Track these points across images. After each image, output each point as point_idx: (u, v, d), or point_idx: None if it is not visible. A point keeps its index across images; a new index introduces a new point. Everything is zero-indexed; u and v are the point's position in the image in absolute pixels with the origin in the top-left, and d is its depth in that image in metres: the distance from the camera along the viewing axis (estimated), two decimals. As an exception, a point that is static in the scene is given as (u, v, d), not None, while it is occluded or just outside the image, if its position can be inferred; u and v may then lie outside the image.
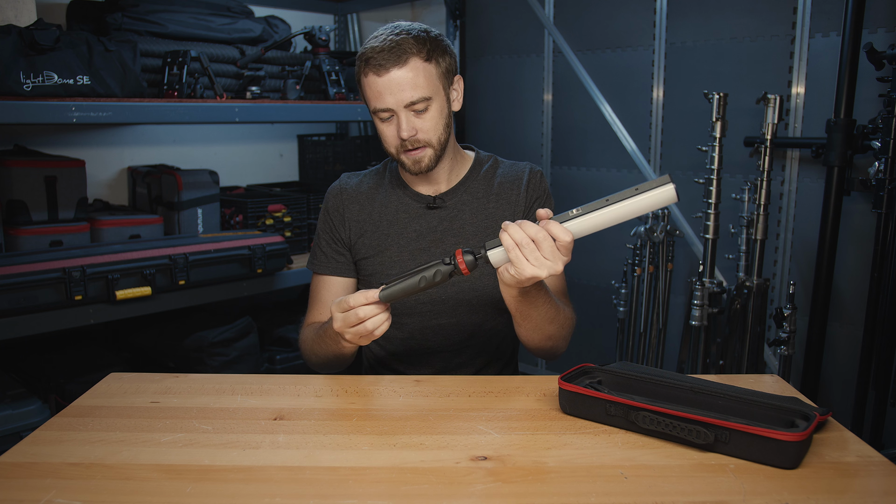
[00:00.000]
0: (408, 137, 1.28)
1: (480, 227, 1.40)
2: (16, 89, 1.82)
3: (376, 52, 1.26)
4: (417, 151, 1.30)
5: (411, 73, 1.25)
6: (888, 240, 2.00)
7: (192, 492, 0.85)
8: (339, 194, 1.44)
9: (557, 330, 1.26)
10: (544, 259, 1.03)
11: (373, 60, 1.26)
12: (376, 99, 1.28)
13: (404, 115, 1.27)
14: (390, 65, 1.25)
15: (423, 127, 1.29)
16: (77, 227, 2.20)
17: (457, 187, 1.41)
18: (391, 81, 1.25)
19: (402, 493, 0.85)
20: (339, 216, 1.43)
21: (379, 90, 1.26)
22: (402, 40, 1.26)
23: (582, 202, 1.10)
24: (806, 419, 0.93)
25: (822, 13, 2.25)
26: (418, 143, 1.29)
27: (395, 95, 1.26)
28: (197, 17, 2.44)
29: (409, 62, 1.25)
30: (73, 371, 2.17)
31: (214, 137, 2.98)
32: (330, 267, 1.43)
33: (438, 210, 1.40)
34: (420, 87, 1.26)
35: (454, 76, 1.35)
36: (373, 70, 1.26)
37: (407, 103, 1.26)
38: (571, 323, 1.33)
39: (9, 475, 0.89)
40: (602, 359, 2.22)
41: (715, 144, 2.15)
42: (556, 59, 2.95)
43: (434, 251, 1.38)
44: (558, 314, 1.24)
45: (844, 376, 2.30)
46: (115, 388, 1.19)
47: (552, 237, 1.04)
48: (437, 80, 1.29)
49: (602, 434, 1.00)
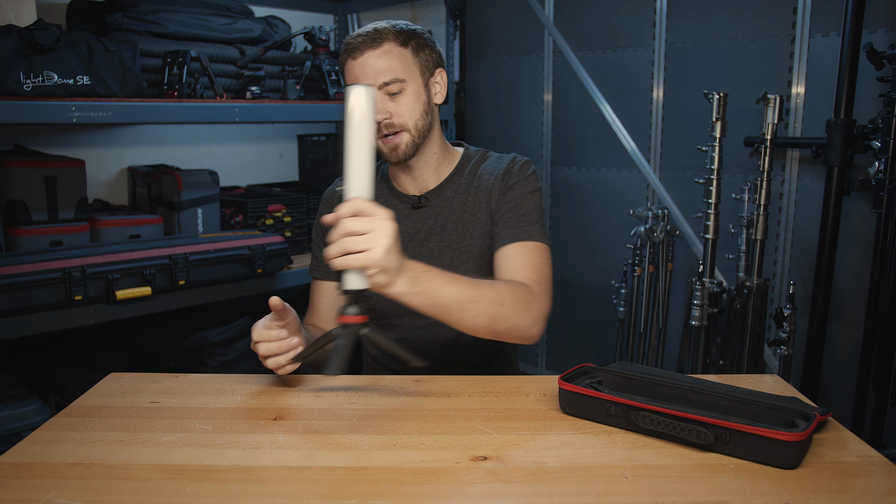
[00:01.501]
0: (381, 120, 1.28)
1: (461, 224, 1.37)
2: (16, 89, 1.82)
3: (354, 37, 1.29)
4: (394, 137, 1.30)
5: (385, 56, 1.27)
6: (888, 240, 2.00)
7: (192, 492, 0.85)
8: (330, 199, 1.46)
9: (493, 308, 1.14)
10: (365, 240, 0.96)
11: (350, 45, 1.29)
12: (352, 82, 1.28)
13: (379, 97, 1.28)
14: (365, 47, 1.27)
15: (398, 110, 1.29)
16: (77, 227, 2.20)
17: (442, 185, 1.40)
18: (365, 63, 1.27)
19: (402, 493, 0.85)
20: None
21: (355, 74, 1.28)
22: (381, 28, 1.29)
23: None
24: (806, 419, 0.93)
25: (822, 13, 2.25)
26: (393, 127, 1.29)
27: (368, 77, 1.27)
28: (197, 17, 2.44)
29: (384, 45, 1.27)
30: (73, 371, 2.17)
31: (214, 137, 2.98)
32: (322, 270, 1.44)
33: (424, 209, 1.39)
34: (394, 69, 1.27)
35: (436, 69, 1.36)
36: (349, 54, 1.28)
37: (380, 84, 1.27)
38: (523, 297, 1.19)
39: (9, 475, 0.89)
40: (602, 359, 2.22)
41: (715, 144, 2.15)
42: (556, 59, 2.95)
43: (421, 252, 1.37)
44: (480, 291, 1.13)
45: (844, 376, 2.30)
46: (115, 388, 1.19)
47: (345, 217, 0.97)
48: (412, 65, 1.30)
49: (602, 434, 1.00)
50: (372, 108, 0.99)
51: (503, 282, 1.24)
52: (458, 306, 1.11)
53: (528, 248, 1.30)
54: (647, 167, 2.71)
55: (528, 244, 1.31)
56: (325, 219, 1.01)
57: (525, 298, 1.19)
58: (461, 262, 1.37)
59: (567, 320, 3.07)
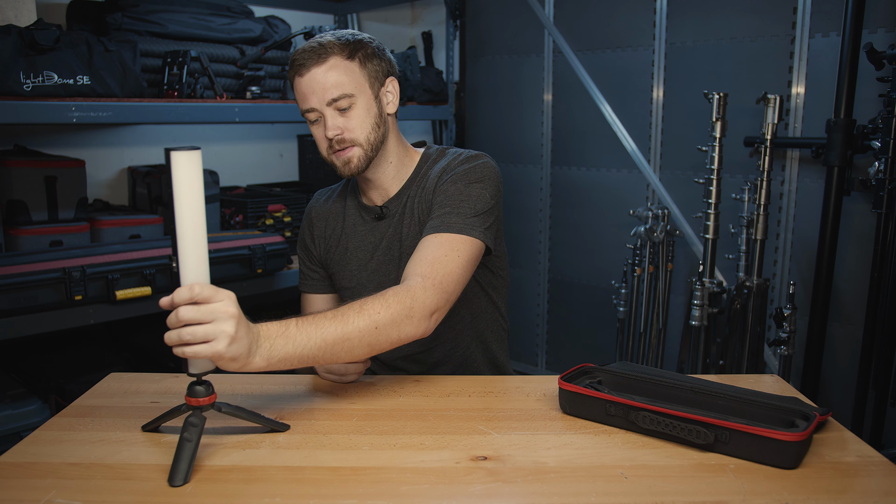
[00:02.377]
0: (333, 137, 1.27)
1: (416, 226, 1.34)
2: (16, 89, 1.82)
3: (300, 53, 1.27)
4: (345, 151, 1.29)
5: (332, 71, 1.25)
6: (888, 240, 2.00)
7: (192, 492, 0.85)
8: (309, 212, 1.49)
9: (369, 335, 1.05)
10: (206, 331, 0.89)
11: (296, 62, 1.27)
12: (302, 100, 1.28)
13: (329, 114, 1.27)
14: (311, 63, 1.25)
15: (349, 126, 1.28)
16: (77, 227, 2.20)
17: (400, 192, 1.38)
18: (312, 80, 1.26)
19: (402, 493, 0.85)
20: (309, 234, 1.47)
21: (303, 91, 1.27)
22: (326, 42, 1.27)
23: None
24: (806, 419, 0.93)
25: (822, 13, 2.25)
26: (344, 142, 1.28)
27: (317, 94, 1.26)
28: (197, 17, 2.44)
29: (329, 60, 1.25)
30: (73, 371, 2.17)
31: (214, 137, 2.98)
32: (308, 284, 1.49)
33: (386, 219, 1.38)
34: (342, 84, 1.26)
35: (387, 78, 1.33)
36: (296, 71, 1.27)
37: (328, 100, 1.26)
38: (398, 309, 1.08)
39: (9, 475, 0.89)
40: (602, 359, 2.22)
41: (715, 144, 2.15)
42: (556, 59, 2.95)
43: (387, 263, 1.37)
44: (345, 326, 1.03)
45: (844, 376, 2.30)
46: (115, 388, 1.19)
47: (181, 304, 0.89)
48: (361, 78, 1.28)
49: (602, 434, 1.00)
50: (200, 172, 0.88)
51: (376, 299, 1.08)
52: (329, 351, 1.02)
53: (439, 241, 1.20)
54: (647, 167, 2.71)
55: (441, 236, 1.21)
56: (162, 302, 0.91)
57: (402, 308, 1.09)
58: None
59: (567, 320, 3.07)
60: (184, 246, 0.89)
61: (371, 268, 1.39)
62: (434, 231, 1.22)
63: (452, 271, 1.17)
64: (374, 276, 1.38)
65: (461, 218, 1.23)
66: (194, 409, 0.94)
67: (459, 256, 1.19)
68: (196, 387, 0.94)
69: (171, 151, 0.87)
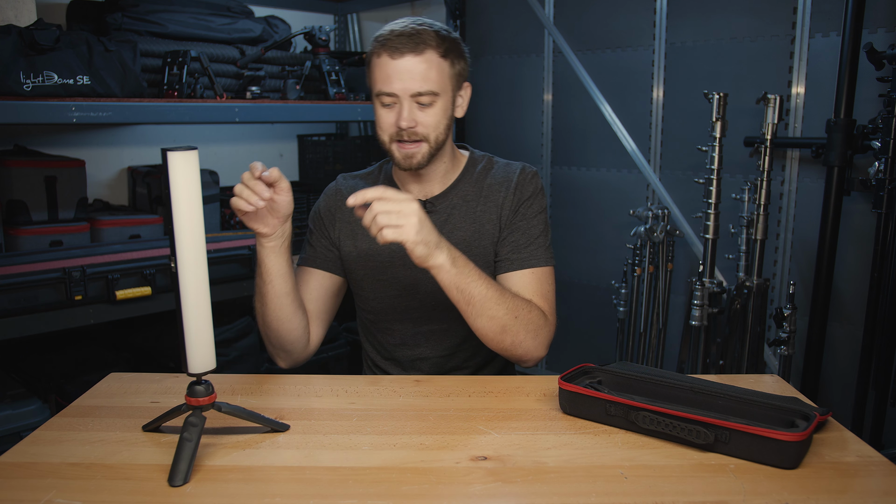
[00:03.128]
0: (406, 127, 1.25)
1: (469, 232, 1.36)
2: (16, 89, 1.81)
3: (395, 34, 1.24)
4: (412, 146, 1.28)
5: (425, 64, 1.24)
6: (888, 240, 2.00)
7: (192, 492, 0.85)
8: (333, 195, 1.44)
9: (509, 318, 1.21)
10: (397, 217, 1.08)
11: (390, 42, 1.24)
12: (384, 81, 1.25)
13: (407, 105, 1.25)
14: (406, 50, 1.23)
15: (425, 121, 1.27)
16: (77, 227, 2.20)
17: (448, 190, 1.38)
18: (403, 67, 1.23)
19: (402, 493, 0.85)
20: (329, 216, 1.42)
21: (388, 73, 1.24)
22: (423, 31, 1.25)
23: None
24: (806, 419, 0.93)
25: (822, 13, 2.25)
26: (416, 135, 1.27)
27: (404, 82, 1.24)
28: (197, 17, 2.44)
29: (426, 53, 1.24)
30: (73, 371, 2.17)
31: (214, 137, 2.98)
32: (317, 261, 1.41)
33: (429, 215, 1.38)
34: (431, 80, 1.25)
35: (464, 82, 1.34)
36: (388, 51, 1.24)
37: (414, 93, 1.24)
38: (535, 319, 1.25)
39: (9, 475, 0.89)
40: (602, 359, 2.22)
41: (715, 144, 2.15)
42: (556, 59, 2.95)
43: None
44: (503, 297, 1.21)
45: (844, 376, 2.30)
46: (115, 388, 1.19)
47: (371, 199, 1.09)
48: (448, 78, 1.28)
49: (602, 434, 1.00)
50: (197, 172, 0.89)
51: (524, 299, 1.26)
52: (480, 300, 1.17)
53: (537, 276, 1.32)
54: (647, 167, 2.71)
55: (536, 271, 1.33)
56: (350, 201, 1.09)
57: (538, 322, 1.25)
58: None
59: (567, 320, 3.07)
60: (182, 246, 0.89)
61: (408, 261, 1.35)
62: (527, 266, 1.33)
63: (554, 302, 1.34)
64: (410, 272, 1.36)
65: (543, 250, 1.35)
66: (194, 409, 0.94)
67: (553, 287, 1.36)
68: (196, 387, 0.94)
69: (168, 152, 0.86)
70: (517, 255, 1.33)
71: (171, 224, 0.89)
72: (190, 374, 0.93)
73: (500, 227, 1.36)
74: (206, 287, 0.94)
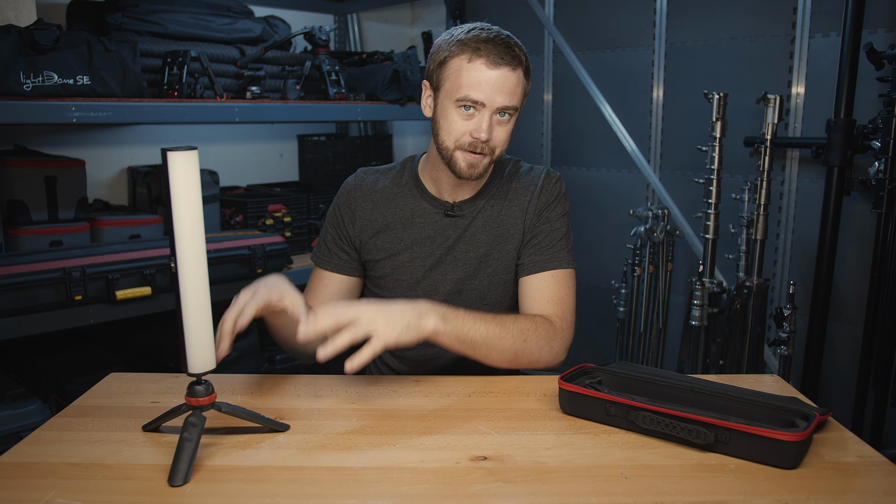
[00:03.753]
0: (485, 139, 1.24)
1: (491, 235, 1.36)
2: (16, 89, 1.81)
3: (490, 42, 1.23)
4: (480, 157, 1.26)
5: (515, 80, 1.25)
6: (888, 240, 2.00)
7: (192, 492, 0.85)
8: (353, 190, 1.40)
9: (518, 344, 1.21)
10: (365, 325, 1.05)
11: (485, 50, 1.22)
12: (472, 88, 1.22)
13: (489, 117, 1.23)
14: (504, 63, 1.23)
15: (499, 136, 1.26)
16: (77, 227, 2.20)
17: (476, 196, 1.37)
18: (499, 79, 1.22)
19: (402, 493, 0.85)
20: (349, 213, 1.39)
21: (480, 81, 1.22)
22: (515, 45, 1.26)
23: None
24: (806, 419, 0.93)
25: (822, 13, 2.25)
26: (486, 148, 1.26)
27: (494, 94, 1.22)
28: (197, 17, 2.44)
29: (519, 70, 1.25)
30: (73, 371, 2.17)
31: (214, 137, 2.98)
32: (332, 263, 1.40)
33: (455, 218, 1.36)
34: (517, 96, 1.26)
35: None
36: (484, 59, 1.22)
37: (500, 107, 1.23)
38: (545, 334, 1.25)
39: (9, 475, 0.89)
40: (602, 359, 2.22)
41: (715, 144, 2.15)
42: (556, 59, 2.95)
43: (446, 259, 1.36)
44: (505, 326, 1.19)
45: (844, 376, 2.30)
46: (115, 388, 1.19)
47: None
48: (523, 96, 1.29)
49: (602, 434, 1.00)
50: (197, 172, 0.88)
51: (526, 317, 1.26)
52: (485, 343, 1.17)
53: (555, 279, 1.34)
54: (647, 167, 2.71)
55: (555, 273, 1.35)
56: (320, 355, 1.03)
57: (547, 335, 1.26)
58: (487, 274, 1.37)
59: (567, 320, 3.06)
60: (182, 246, 0.89)
61: (429, 263, 1.36)
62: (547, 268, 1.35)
63: (574, 306, 1.37)
64: (430, 273, 1.36)
65: (565, 252, 1.38)
66: (194, 409, 0.94)
67: (572, 290, 1.38)
68: (196, 387, 0.94)
69: (168, 152, 0.86)
70: (539, 258, 1.34)
71: (171, 224, 0.89)
72: (190, 374, 0.93)
73: (523, 231, 1.37)
74: (206, 287, 0.94)
